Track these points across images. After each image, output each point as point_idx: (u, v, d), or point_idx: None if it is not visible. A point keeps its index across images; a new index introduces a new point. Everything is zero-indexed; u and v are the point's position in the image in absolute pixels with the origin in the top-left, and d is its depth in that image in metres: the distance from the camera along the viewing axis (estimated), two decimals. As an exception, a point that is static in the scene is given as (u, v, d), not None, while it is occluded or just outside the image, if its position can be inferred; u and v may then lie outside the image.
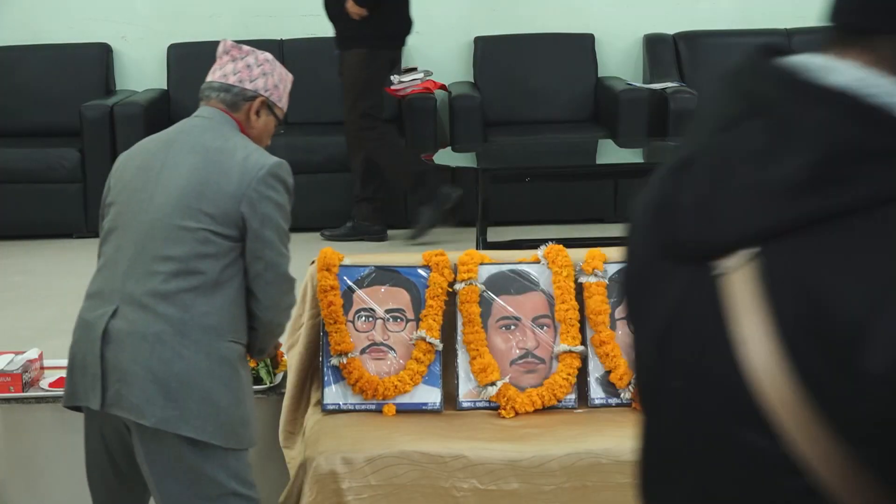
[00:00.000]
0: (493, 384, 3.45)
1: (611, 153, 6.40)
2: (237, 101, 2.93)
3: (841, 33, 1.16)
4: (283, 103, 3.02)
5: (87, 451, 2.92)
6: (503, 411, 3.45)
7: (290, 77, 3.08)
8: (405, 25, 6.68)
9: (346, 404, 3.47)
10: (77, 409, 2.89)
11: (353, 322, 3.53)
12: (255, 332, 2.87)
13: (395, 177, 6.63)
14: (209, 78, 2.98)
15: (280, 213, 2.80)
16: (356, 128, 6.55)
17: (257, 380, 3.67)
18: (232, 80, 2.93)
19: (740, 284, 1.14)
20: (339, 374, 3.48)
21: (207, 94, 2.96)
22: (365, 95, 6.53)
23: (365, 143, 6.54)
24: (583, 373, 3.53)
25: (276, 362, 3.58)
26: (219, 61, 2.98)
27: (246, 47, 2.98)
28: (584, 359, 3.53)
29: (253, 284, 2.80)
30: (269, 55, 3.03)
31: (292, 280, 2.92)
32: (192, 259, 2.72)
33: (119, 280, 2.74)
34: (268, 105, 2.96)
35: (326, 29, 7.60)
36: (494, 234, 5.92)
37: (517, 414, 3.45)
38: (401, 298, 3.54)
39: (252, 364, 3.68)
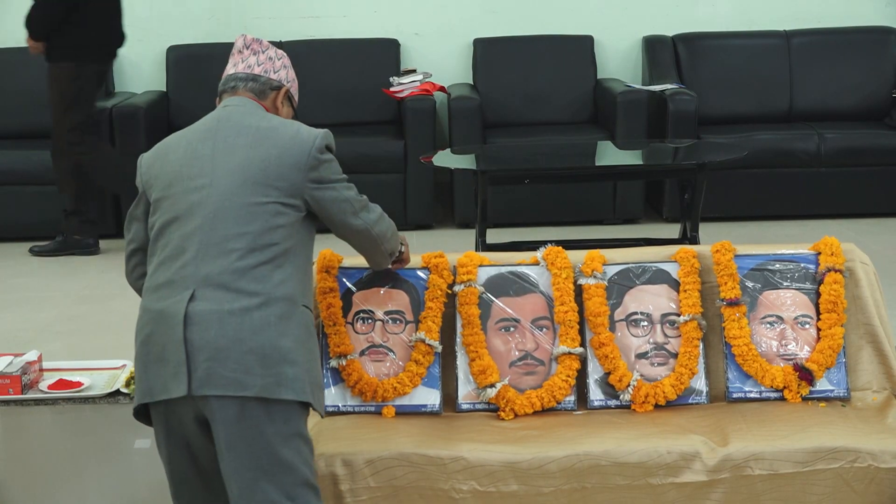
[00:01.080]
0: (492, 386, 3.45)
1: (610, 155, 6.40)
2: (264, 90, 3.03)
3: None
4: (297, 97, 3.15)
5: (169, 459, 2.86)
6: (502, 413, 3.45)
7: None
8: (115, 39, 6.67)
9: (345, 406, 3.47)
10: (145, 419, 2.85)
11: (352, 324, 3.53)
12: (363, 251, 3.10)
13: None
14: (230, 71, 3.04)
15: (339, 172, 2.96)
16: (64, 142, 6.54)
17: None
18: (257, 70, 3.02)
19: None
20: (339, 375, 3.48)
21: (233, 85, 3.02)
22: (73, 109, 6.51)
23: (76, 158, 6.55)
24: (582, 374, 3.53)
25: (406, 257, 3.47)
26: (239, 55, 3.05)
27: (265, 41, 3.08)
28: (583, 360, 3.53)
29: (345, 228, 2.98)
30: (283, 52, 3.13)
31: (368, 204, 3.05)
32: (265, 232, 2.78)
33: (191, 266, 2.75)
34: (289, 96, 3.08)
35: (325, 31, 7.62)
36: (493, 235, 5.92)
37: (516, 416, 3.45)
38: (400, 300, 3.54)
39: None
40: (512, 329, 3.54)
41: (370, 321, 3.53)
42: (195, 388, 2.68)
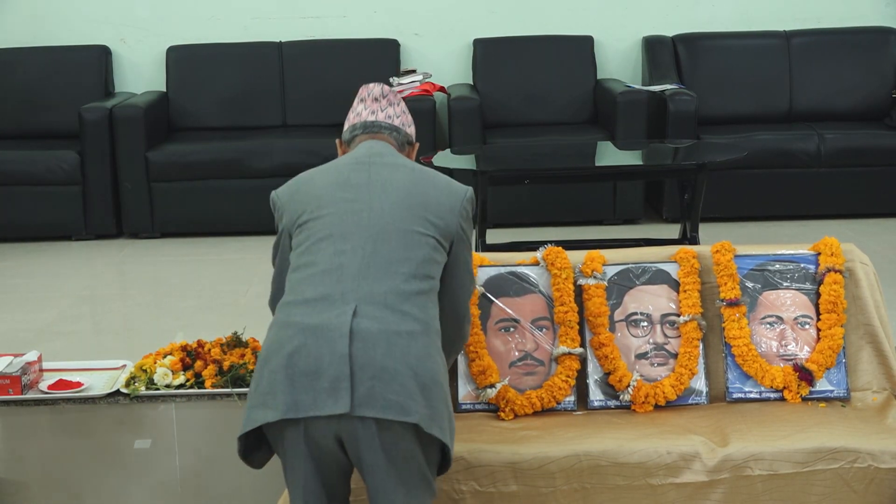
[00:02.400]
0: (492, 386, 3.45)
1: (610, 155, 6.40)
2: (403, 143, 3.03)
3: None
4: None
5: (305, 478, 2.73)
6: (502, 413, 3.45)
7: None
8: None
9: (345, 406, 3.47)
10: (256, 440, 2.76)
11: (352, 324, 3.52)
12: (446, 347, 2.88)
13: None
14: (369, 118, 3.01)
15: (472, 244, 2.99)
16: None
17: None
18: (396, 122, 3.03)
19: None
20: (339, 376, 3.48)
21: (376, 130, 3.00)
22: None
23: None
24: (582, 375, 3.53)
25: None
26: (376, 103, 3.04)
27: (398, 94, 3.10)
28: (583, 361, 3.53)
29: (456, 298, 2.93)
30: None
31: (469, 313, 3.04)
32: (426, 263, 2.76)
33: (351, 282, 2.69)
34: (415, 155, 3.09)
35: (325, 31, 7.62)
36: (493, 236, 5.92)
37: (516, 416, 3.45)
38: (400, 300, 3.54)
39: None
40: (512, 329, 3.54)
41: (370, 321, 3.53)
42: (356, 407, 2.58)
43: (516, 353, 3.53)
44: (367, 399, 2.58)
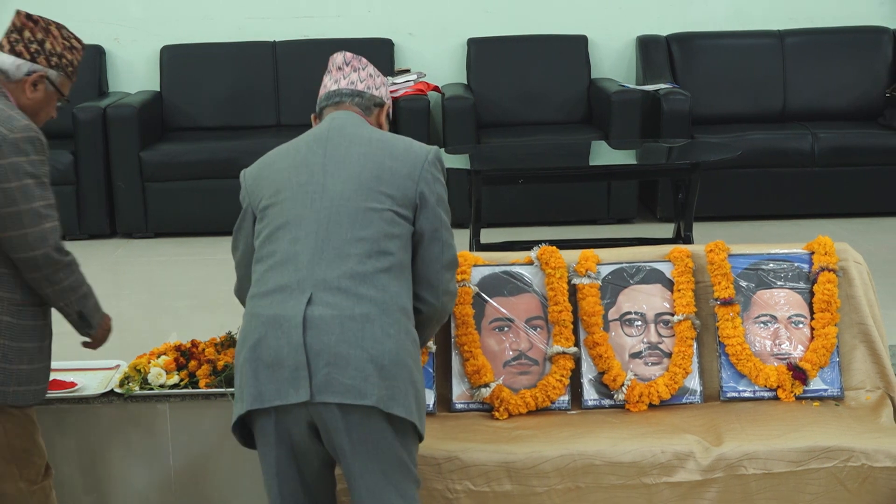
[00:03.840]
0: (486, 386, 3.45)
1: (604, 154, 6.40)
2: (369, 106, 3.00)
3: None
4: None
5: (277, 467, 2.75)
6: (496, 413, 3.45)
7: None
8: None
9: (339, 406, 3.47)
10: (244, 432, 2.78)
11: (346, 324, 3.52)
12: (424, 320, 2.86)
13: None
14: (332, 87, 3.03)
15: (446, 196, 2.89)
16: None
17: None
18: (360, 86, 3.01)
19: None
20: (333, 375, 3.48)
21: (338, 100, 3.00)
22: None
23: None
24: (576, 374, 3.53)
25: None
26: (339, 72, 3.05)
27: (363, 59, 3.08)
28: (577, 360, 3.53)
29: (427, 268, 2.83)
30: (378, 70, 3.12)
31: (458, 265, 2.96)
32: (381, 239, 2.73)
33: (305, 269, 2.69)
34: (387, 113, 3.07)
35: (319, 31, 7.62)
36: (487, 235, 5.92)
37: (510, 415, 3.46)
38: (394, 300, 3.54)
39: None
40: (506, 329, 3.54)
41: (364, 321, 3.53)
42: (315, 394, 2.61)
43: (510, 353, 3.54)
44: (324, 386, 2.62)
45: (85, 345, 3.27)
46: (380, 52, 7.50)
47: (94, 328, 3.16)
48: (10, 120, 2.87)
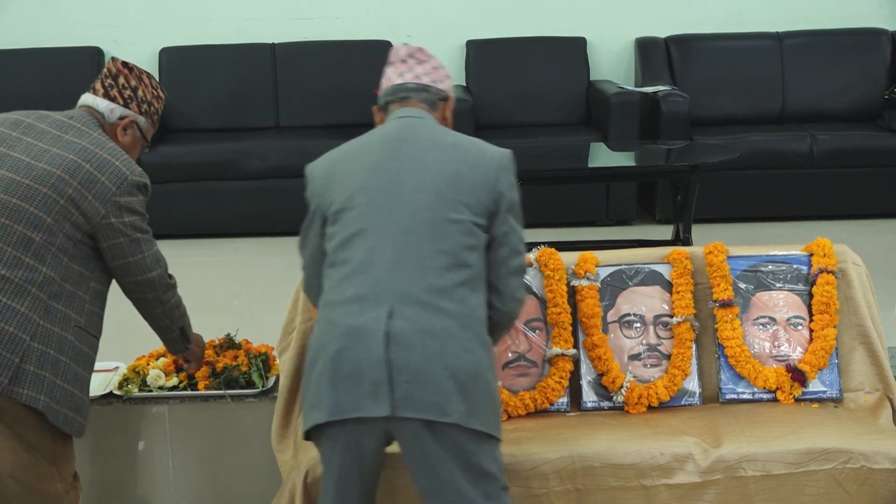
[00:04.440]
0: (485, 387, 3.45)
1: (602, 156, 6.40)
2: (435, 101, 2.98)
3: None
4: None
5: (339, 477, 2.76)
6: (495, 415, 3.45)
7: None
8: None
9: (338, 408, 3.46)
10: (309, 437, 2.79)
11: (345, 326, 3.52)
12: (491, 326, 2.82)
13: None
14: (396, 81, 2.99)
15: (519, 201, 2.89)
16: None
17: (249, 383, 3.68)
18: (425, 80, 2.99)
19: None
20: (332, 377, 3.47)
21: (404, 96, 2.97)
22: None
23: None
24: (575, 376, 3.53)
25: None
26: (403, 64, 3.01)
27: (426, 50, 3.04)
28: (576, 362, 3.53)
29: (496, 274, 2.80)
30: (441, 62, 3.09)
31: (526, 271, 2.95)
32: (460, 251, 2.71)
33: (384, 280, 2.67)
34: (452, 106, 3.05)
35: (318, 32, 7.62)
36: (487, 237, 5.91)
37: (509, 417, 3.46)
38: (393, 302, 3.54)
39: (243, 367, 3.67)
40: (505, 331, 3.54)
41: (363, 323, 3.53)
42: (396, 409, 2.60)
43: (510, 355, 3.54)
44: (405, 401, 2.61)
45: (188, 370, 3.62)
46: (378, 54, 7.43)
47: (190, 342, 3.40)
48: (130, 162, 3.05)
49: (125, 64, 3.24)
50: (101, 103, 3.16)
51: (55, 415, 2.92)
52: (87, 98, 3.18)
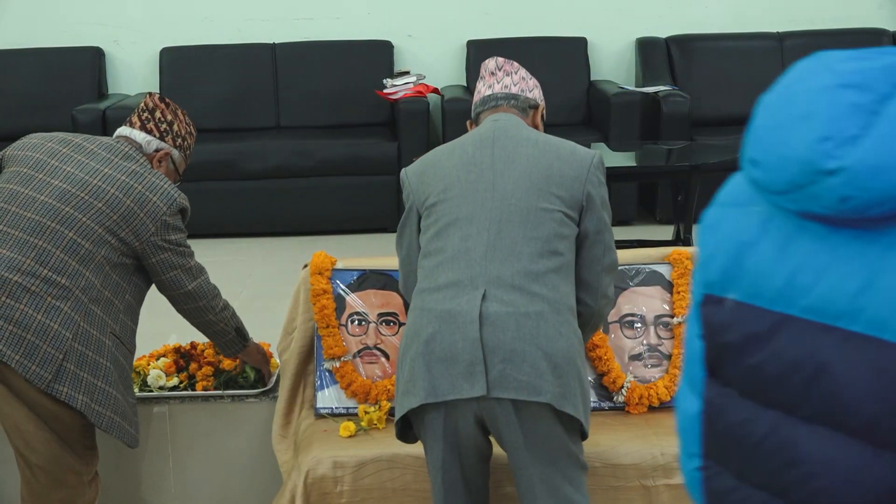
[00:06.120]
0: (485, 388, 3.44)
1: (603, 157, 6.39)
2: (525, 108, 3.04)
3: None
4: None
5: (443, 462, 2.77)
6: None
7: None
8: None
9: (339, 408, 3.47)
10: (409, 422, 2.81)
11: (345, 326, 3.53)
12: (581, 323, 2.85)
13: None
14: (486, 92, 3.06)
15: (608, 200, 2.95)
16: None
17: (247, 381, 3.67)
18: (514, 90, 3.05)
19: None
20: (332, 377, 3.48)
21: (495, 104, 3.03)
22: None
23: None
24: (576, 376, 3.52)
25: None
26: (492, 76, 3.09)
27: (514, 62, 3.12)
28: (576, 362, 3.52)
29: (588, 270, 2.86)
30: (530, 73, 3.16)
31: (617, 269, 2.99)
32: (552, 239, 2.76)
33: (478, 266, 2.71)
34: (542, 114, 3.11)
35: (319, 33, 7.62)
36: (487, 237, 5.91)
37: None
38: (393, 302, 3.54)
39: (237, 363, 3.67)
40: (505, 331, 3.54)
41: (364, 323, 3.53)
42: (490, 390, 2.63)
43: (510, 355, 3.53)
44: (499, 381, 2.64)
45: (259, 380, 3.67)
46: (379, 54, 7.51)
47: (247, 340, 3.47)
48: (174, 187, 3.24)
49: (162, 98, 3.38)
50: (138, 135, 3.30)
51: (98, 417, 3.04)
52: (123, 130, 3.32)
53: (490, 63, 3.11)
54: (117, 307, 3.12)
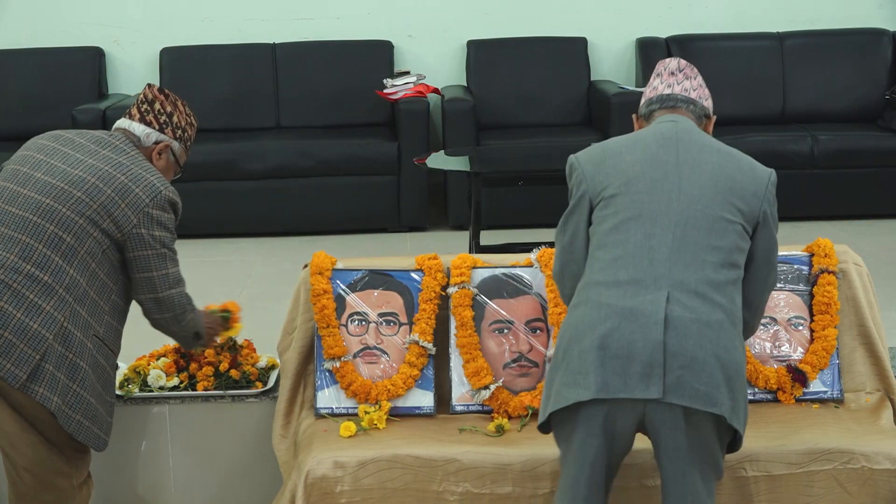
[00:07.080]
0: (486, 388, 3.45)
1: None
2: (700, 116, 3.01)
3: None
4: None
5: (593, 460, 2.74)
6: (496, 415, 3.45)
7: None
8: None
9: (339, 408, 3.47)
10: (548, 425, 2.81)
11: (346, 326, 3.53)
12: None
13: None
14: (665, 91, 3.02)
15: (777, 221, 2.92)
16: None
17: (250, 383, 3.68)
18: (693, 95, 3.01)
19: None
20: (333, 377, 3.48)
21: (674, 104, 3.00)
22: None
23: None
24: (576, 376, 3.52)
25: None
26: (672, 77, 3.04)
27: (695, 68, 3.07)
28: (577, 362, 3.52)
29: (753, 288, 2.85)
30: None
31: (763, 306, 2.98)
32: (733, 251, 2.75)
33: (662, 267, 2.70)
34: (711, 128, 3.07)
35: (319, 33, 7.62)
36: (487, 237, 5.92)
37: (510, 417, 3.45)
38: (394, 302, 3.54)
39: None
40: (506, 331, 3.54)
41: (364, 323, 3.53)
42: (666, 394, 2.62)
43: (510, 355, 3.53)
44: (676, 387, 2.62)
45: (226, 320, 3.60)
46: (379, 54, 7.50)
47: (203, 338, 3.44)
48: (163, 180, 3.19)
49: (161, 90, 3.35)
50: (137, 127, 3.27)
51: (67, 420, 2.98)
52: (122, 122, 3.28)
53: (671, 63, 3.05)
54: (102, 308, 3.08)
